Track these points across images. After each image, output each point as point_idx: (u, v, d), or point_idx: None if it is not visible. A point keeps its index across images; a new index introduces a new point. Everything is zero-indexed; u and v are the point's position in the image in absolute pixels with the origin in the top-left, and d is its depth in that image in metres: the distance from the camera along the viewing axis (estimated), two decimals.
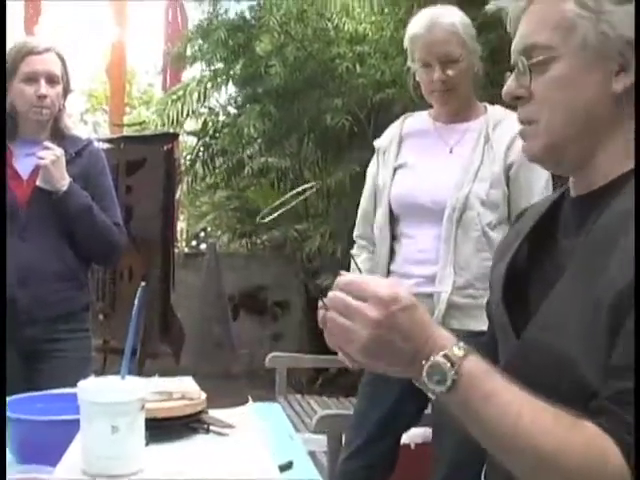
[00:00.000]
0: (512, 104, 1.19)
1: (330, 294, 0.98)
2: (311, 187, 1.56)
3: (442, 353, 0.95)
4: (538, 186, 2.31)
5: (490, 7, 1.21)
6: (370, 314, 0.94)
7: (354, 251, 2.62)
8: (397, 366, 0.98)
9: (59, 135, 2.62)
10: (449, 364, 0.94)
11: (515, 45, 1.15)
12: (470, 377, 0.94)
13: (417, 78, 2.47)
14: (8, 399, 1.44)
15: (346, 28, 5.62)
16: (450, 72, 2.36)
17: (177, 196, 6.66)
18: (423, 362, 0.95)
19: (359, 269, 1.36)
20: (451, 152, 2.41)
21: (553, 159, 1.17)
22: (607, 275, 0.97)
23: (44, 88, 2.51)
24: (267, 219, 1.29)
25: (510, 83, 1.15)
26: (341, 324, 0.96)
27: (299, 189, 1.40)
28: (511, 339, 1.15)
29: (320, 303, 1.02)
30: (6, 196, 2.44)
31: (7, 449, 1.34)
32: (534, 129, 1.14)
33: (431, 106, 2.52)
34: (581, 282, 1.03)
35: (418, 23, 2.40)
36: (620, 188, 1.07)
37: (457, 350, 0.95)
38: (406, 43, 2.46)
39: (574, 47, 1.08)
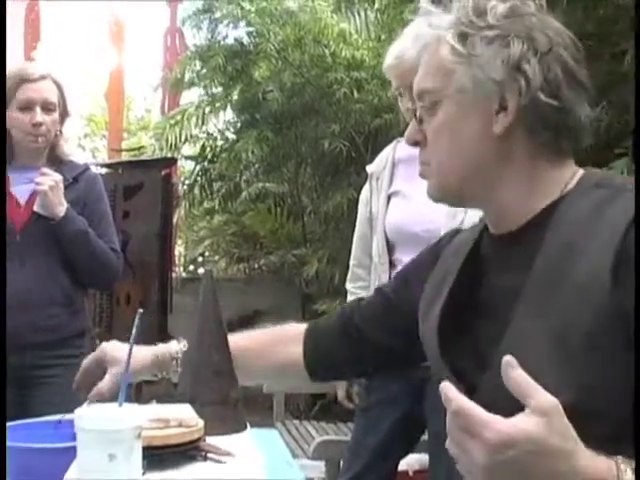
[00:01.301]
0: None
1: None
2: None
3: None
4: None
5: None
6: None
7: (350, 286, 2.61)
8: None
9: (56, 161, 2.62)
10: None
11: (413, 91, 1.20)
12: None
13: (400, 106, 2.49)
14: None
15: (343, 54, 5.66)
16: None
17: (175, 221, 6.67)
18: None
19: None
20: None
21: (450, 198, 1.21)
22: (564, 308, 0.99)
23: (39, 116, 2.52)
24: None
25: (410, 128, 1.20)
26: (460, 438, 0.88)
27: None
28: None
29: None
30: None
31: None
32: (428, 170, 1.18)
33: None
34: (538, 318, 1.03)
35: (390, 54, 2.42)
36: (546, 223, 1.08)
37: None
38: (385, 72, 2.48)
39: (453, 91, 1.12)
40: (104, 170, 6.05)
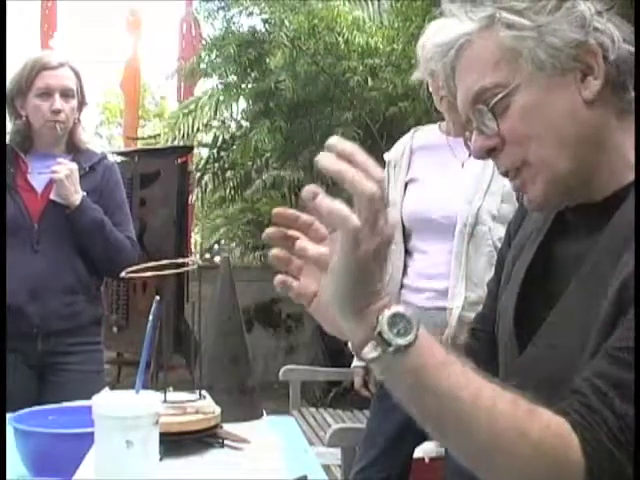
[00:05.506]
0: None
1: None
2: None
3: (402, 307, 0.85)
4: None
5: (415, 76, 1.16)
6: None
7: None
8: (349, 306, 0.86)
9: (74, 149, 2.63)
10: (414, 319, 0.84)
11: (462, 100, 1.07)
12: (429, 339, 0.86)
13: (430, 88, 2.47)
14: (19, 413, 1.45)
15: (357, 42, 5.64)
16: None
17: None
18: (385, 310, 0.84)
19: None
20: (463, 166, 2.40)
21: (559, 194, 1.07)
22: (616, 277, 0.96)
23: (58, 103, 2.52)
24: None
25: (476, 139, 1.06)
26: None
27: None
28: (514, 356, 1.12)
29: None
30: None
31: (20, 462, 1.34)
32: (530, 171, 1.04)
33: (442, 119, 2.52)
34: (590, 285, 1.01)
35: (428, 31, 2.42)
36: (626, 194, 1.03)
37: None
38: (418, 52, 2.47)
39: (528, 72, 1.01)
40: (120, 158, 6.08)
